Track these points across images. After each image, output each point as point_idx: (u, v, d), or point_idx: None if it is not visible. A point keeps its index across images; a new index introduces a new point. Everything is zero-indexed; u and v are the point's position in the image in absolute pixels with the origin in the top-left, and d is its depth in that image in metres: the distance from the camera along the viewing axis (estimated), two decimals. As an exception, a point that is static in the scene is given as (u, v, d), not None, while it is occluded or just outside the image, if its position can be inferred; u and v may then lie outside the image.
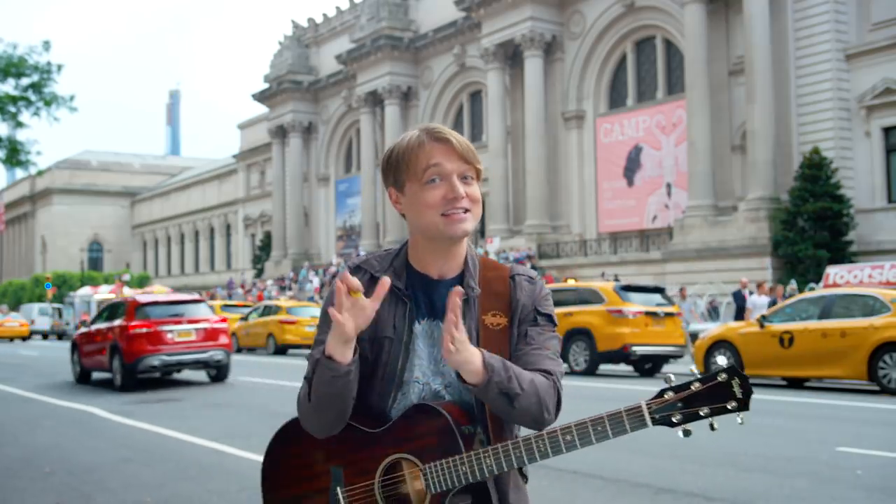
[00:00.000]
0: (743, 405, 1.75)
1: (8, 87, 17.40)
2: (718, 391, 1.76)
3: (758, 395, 10.82)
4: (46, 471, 7.45)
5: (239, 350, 27.87)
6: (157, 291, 50.01)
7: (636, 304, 16.86)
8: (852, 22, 28.28)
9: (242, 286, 50.16)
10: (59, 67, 17.50)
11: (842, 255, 25.91)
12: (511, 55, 38.54)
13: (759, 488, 6.27)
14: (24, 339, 42.47)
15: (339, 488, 1.93)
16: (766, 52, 28.49)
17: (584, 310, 16.97)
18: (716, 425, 1.79)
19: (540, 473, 6.25)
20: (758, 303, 18.27)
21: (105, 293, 42.94)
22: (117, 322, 15.48)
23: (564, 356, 16.74)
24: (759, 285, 20.08)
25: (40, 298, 58.60)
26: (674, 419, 1.76)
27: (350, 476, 1.92)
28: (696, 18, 30.36)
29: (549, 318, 2.00)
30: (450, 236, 1.93)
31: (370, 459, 1.90)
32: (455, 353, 1.78)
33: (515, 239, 36.71)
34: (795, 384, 14.36)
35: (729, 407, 1.75)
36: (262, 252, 57.45)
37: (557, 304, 15.83)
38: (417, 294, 2.00)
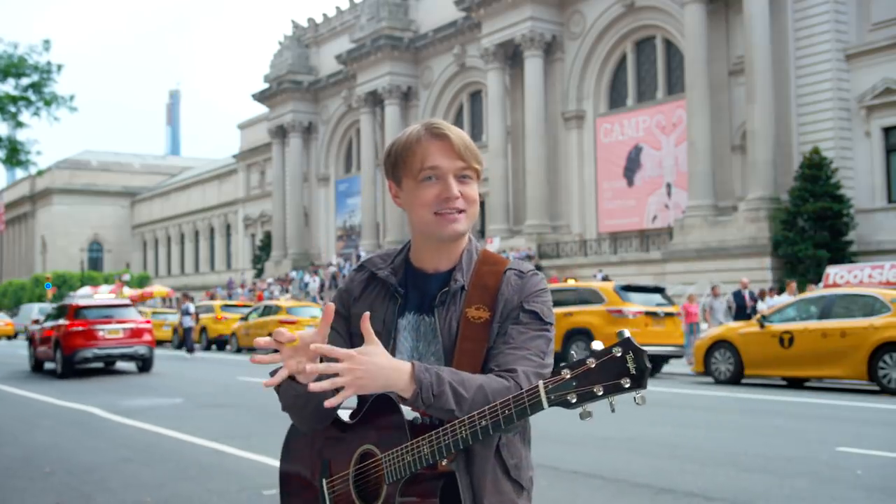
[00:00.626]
0: (637, 382, 1.59)
1: (8, 87, 17.45)
2: (612, 367, 1.61)
3: (758, 395, 10.75)
4: (46, 471, 7.45)
5: (239, 350, 27.87)
6: (157, 293, 50.18)
7: (636, 304, 16.90)
8: (852, 22, 28.27)
9: (242, 286, 50.15)
10: (59, 67, 17.54)
11: (842, 255, 25.89)
12: (511, 55, 38.53)
13: (759, 488, 6.27)
14: (9, 338, 42.77)
15: (323, 479, 1.97)
16: (766, 52, 28.48)
17: (584, 310, 17.00)
18: (615, 407, 1.64)
19: (539, 473, 6.25)
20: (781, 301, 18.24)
21: (105, 293, 42.96)
22: (61, 321, 18.46)
23: (564, 356, 16.73)
24: (787, 284, 20.15)
25: (40, 298, 58.58)
26: (570, 399, 1.62)
27: (334, 467, 1.96)
28: (696, 18, 30.35)
29: (536, 315, 1.91)
30: (441, 236, 1.93)
31: (347, 451, 1.93)
32: (351, 373, 1.69)
33: (515, 239, 36.70)
34: (795, 384, 14.36)
35: (623, 384, 1.59)
36: (262, 252, 57.43)
37: (557, 304, 15.81)
38: (410, 289, 2.00)
